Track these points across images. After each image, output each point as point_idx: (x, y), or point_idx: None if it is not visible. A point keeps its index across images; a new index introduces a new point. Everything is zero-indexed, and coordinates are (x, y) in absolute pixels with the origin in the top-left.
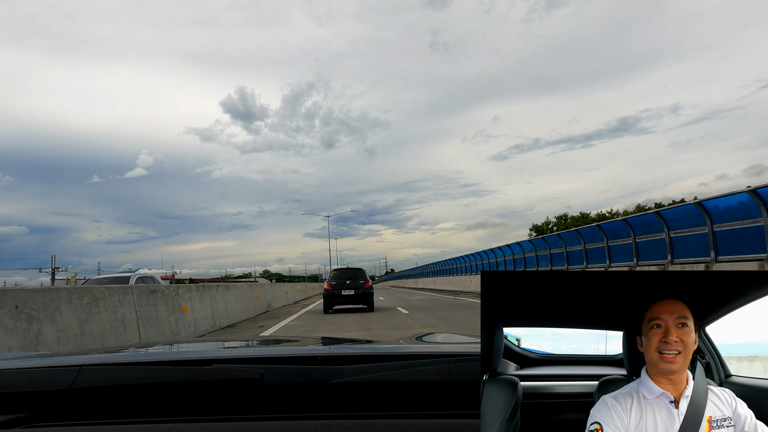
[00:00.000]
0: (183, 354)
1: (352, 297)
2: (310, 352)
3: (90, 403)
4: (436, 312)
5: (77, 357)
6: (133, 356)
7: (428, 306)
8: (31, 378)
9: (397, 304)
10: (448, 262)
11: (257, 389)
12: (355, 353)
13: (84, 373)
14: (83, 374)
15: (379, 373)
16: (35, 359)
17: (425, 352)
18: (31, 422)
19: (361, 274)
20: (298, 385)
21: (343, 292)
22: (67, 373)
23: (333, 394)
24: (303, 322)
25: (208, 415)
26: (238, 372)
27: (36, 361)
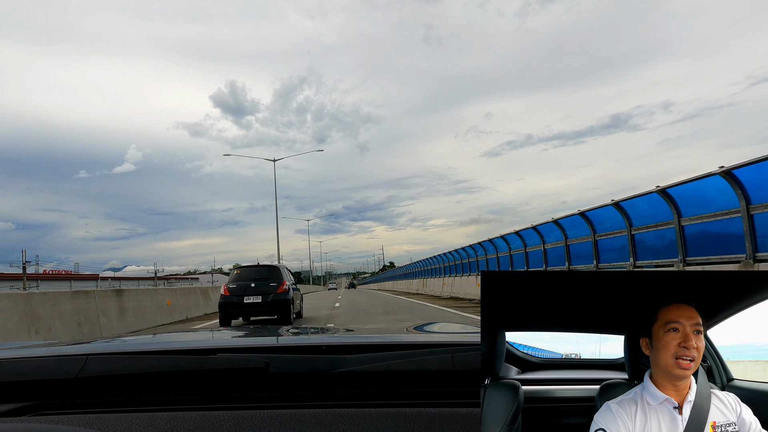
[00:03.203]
0: (189, 343)
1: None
2: (315, 342)
3: (97, 391)
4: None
5: (84, 346)
6: (140, 345)
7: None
8: (39, 367)
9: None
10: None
11: (262, 378)
12: (359, 342)
13: (91, 362)
14: (90, 363)
15: (383, 362)
16: (43, 348)
17: (429, 341)
18: (39, 410)
19: (275, 273)
20: (303, 374)
21: (245, 300)
22: (75, 362)
23: (337, 383)
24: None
25: (213, 403)
26: (243, 361)
27: (44, 350)
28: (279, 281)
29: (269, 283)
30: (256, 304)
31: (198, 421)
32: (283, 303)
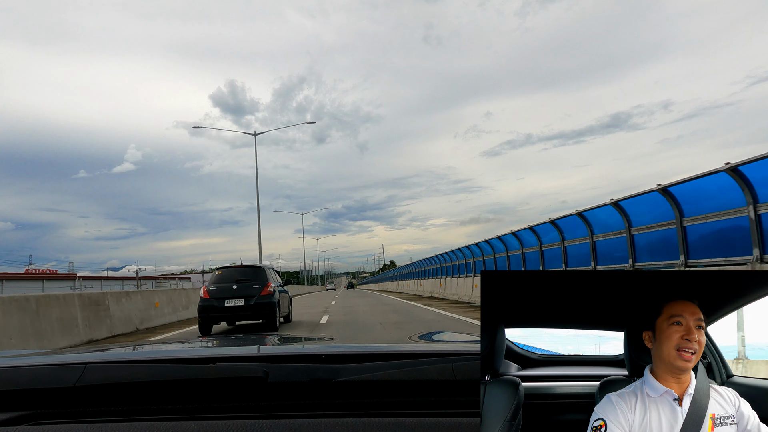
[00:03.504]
0: (188, 352)
1: (241, 311)
2: (314, 351)
3: (95, 400)
4: None
5: (82, 355)
6: (138, 354)
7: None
8: (37, 375)
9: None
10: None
11: (261, 387)
12: (359, 352)
13: (89, 370)
14: (88, 372)
15: (383, 371)
16: (41, 357)
17: (429, 351)
18: (36, 419)
19: (260, 274)
20: (302, 384)
21: (226, 303)
22: (73, 370)
23: (336, 392)
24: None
25: (212, 413)
26: (242, 370)
27: (41, 359)
28: (263, 283)
29: (252, 285)
30: (238, 307)
31: (196, 431)
32: (268, 306)
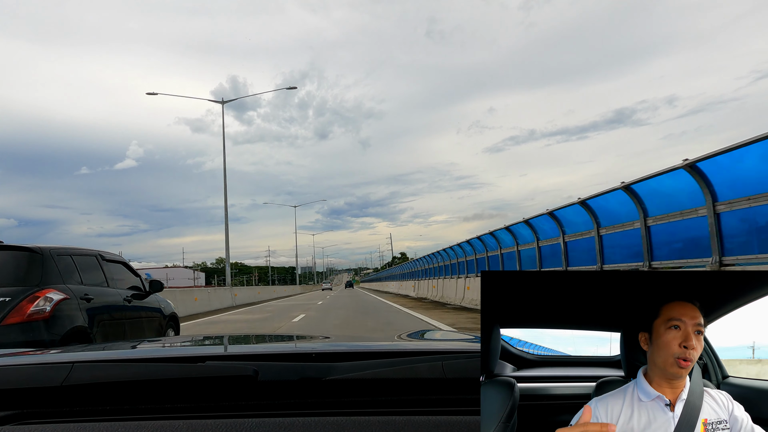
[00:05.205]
0: (176, 351)
1: None
2: (304, 349)
3: (83, 399)
4: None
5: (70, 354)
6: (127, 353)
7: None
8: (24, 375)
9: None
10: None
11: (251, 386)
12: (349, 350)
13: (77, 369)
14: (76, 371)
15: (373, 370)
16: (27, 356)
17: (419, 349)
18: (23, 419)
19: (31, 269)
20: (292, 382)
21: None
22: (60, 369)
23: (327, 391)
24: None
25: (201, 411)
26: (232, 369)
27: (28, 358)
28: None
29: None
30: None
31: (185, 430)
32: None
